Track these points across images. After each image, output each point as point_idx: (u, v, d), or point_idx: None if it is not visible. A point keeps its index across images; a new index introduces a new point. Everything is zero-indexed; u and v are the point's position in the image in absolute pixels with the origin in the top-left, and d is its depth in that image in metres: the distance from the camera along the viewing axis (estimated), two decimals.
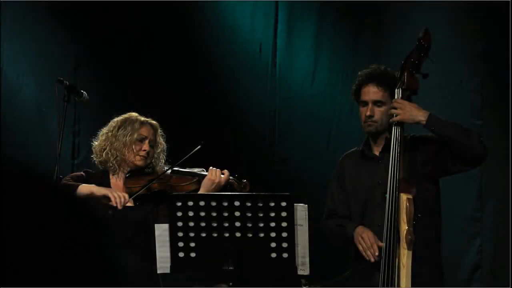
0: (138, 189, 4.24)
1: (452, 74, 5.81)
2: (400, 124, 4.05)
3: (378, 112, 4.18)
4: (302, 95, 6.23)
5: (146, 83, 6.25)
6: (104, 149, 4.38)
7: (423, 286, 4.00)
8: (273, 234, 3.71)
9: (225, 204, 3.71)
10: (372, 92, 4.19)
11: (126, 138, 4.34)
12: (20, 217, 1.88)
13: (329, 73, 6.20)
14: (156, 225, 3.91)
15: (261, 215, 3.70)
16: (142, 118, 4.43)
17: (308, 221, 3.72)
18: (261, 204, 3.69)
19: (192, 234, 3.75)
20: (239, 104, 6.32)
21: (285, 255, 3.71)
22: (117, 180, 4.39)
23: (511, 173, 5.61)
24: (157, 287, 4.21)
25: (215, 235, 3.74)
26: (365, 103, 4.21)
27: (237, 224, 3.71)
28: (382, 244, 3.97)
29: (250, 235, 3.71)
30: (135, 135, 4.35)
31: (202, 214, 3.73)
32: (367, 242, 4.03)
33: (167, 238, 3.78)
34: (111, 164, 4.37)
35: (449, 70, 5.76)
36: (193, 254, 3.76)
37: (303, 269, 3.75)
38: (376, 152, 4.26)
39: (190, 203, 3.73)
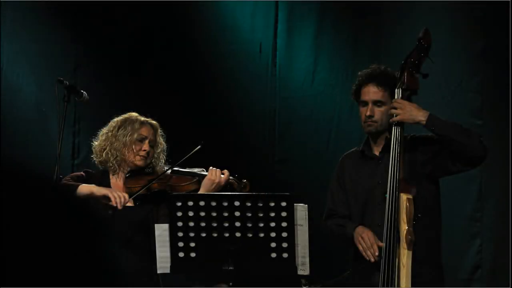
0: (138, 189, 4.24)
1: (452, 74, 5.81)
2: (400, 124, 4.04)
3: (378, 112, 4.18)
4: (302, 95, 6.23)
5: (146, 83, 6.25)
6: (104, 149, 4.38)
7: (423, 286, 4.00)
8: (273, 234, 3.71)
9: (225, 204, 3.71)
10: (372, 92, 4.20)
11: (126, 138, 4.34)
12: (20, 217, 1.88)
13: (329, 73, 6.20)
14: (156, 225, 3.91)
15: (261, 215, 3.70)
16: (142, 118, 4.43)
17: (308, 221, 3.72)
18: (261, 204, 3.69)
19: (192, 234, 3.75)
20: (239, 104, 6.32)
21: (285, 255, 3.71)
22: (117, 180, 4.39)
23: (511, 173, 5.61)
24: (157, 287, 4.21)
25: (215, 235, 3.74)
26: (365, 103, 4.21)
27: (237, 224, 3.71)
28: (382, 244, 3.97)
29: (250, 235, 3.71)
30: (135, 135, 4.35)
31: (202, 214, 3.73)
32: (367, 242, 4.03)
33: (167, 238, 3.78)
34: (111, 164, 4.37)
35: (449, 70, 5.76)
36: (193, 254, 3.76)
37: (303, 269, 3.75)
38: (376, 152, 4.26)
39: (190, 203, 3.73)
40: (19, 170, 1.92)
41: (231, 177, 4.32)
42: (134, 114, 4.45)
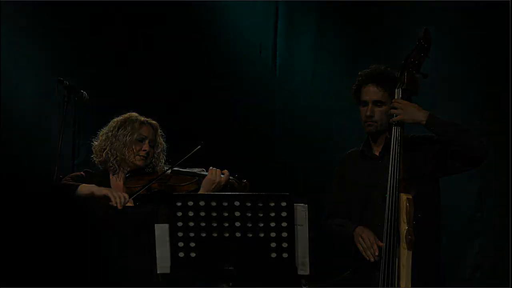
0: (138, 189, 4.25)
1: (453, 74, 5.81)
2: (400, 124, 4.05)
3: (378, 112, 4.19)
4: (302, 95, 6.23)
5: (146, 83, 6.25)
6: (104, 149, 4.38)
7: (423, 286, 4.00)
8: (273, 234, 3.70)
9: (225, 204, 3.71)
10: (372, 92, 4.20)
11: (126, 138, 4.35)
12: (20, 217, 1.88)
13: (329, 73, 6.19)
14: (156, 225, 3.90)
15: (261, 215, 3.70)
16: (142, 118, 4.43)
17: (308, 221, 3.73)
18: (261, 204, 3.69)
19: (192, 234, 3.75)
20: (239, 104, 6.31)
21: (285, 255, 3.71)
22: (117, 180, 4.39)
23: (511, 173, 5.61)
24: (157, 287, 4.21)
25: (215, 235, 3.74)
26: (365, 103, 4.22)
27: (237, 224, 3.71)
28: (382, 244, 3.97)
29: (250, 235, 3.71)
30: (135, 135, 4.36)
31: (202, 214, 3.73)
32: (367, 242, 4.03)
33: (167, 238, 3.78)
34: (111, 164, 4.37)
35: (449, 70, 5.76)
36: (193, 254, 3.77)
37: (303, 269, 3.75)
38: (376, 152, 4.26)
39: (190, 203, 3.73)
40: (19, 170, 1.93)
41: (231, 177, 4.33)
42: (134, 114, 4.45)
